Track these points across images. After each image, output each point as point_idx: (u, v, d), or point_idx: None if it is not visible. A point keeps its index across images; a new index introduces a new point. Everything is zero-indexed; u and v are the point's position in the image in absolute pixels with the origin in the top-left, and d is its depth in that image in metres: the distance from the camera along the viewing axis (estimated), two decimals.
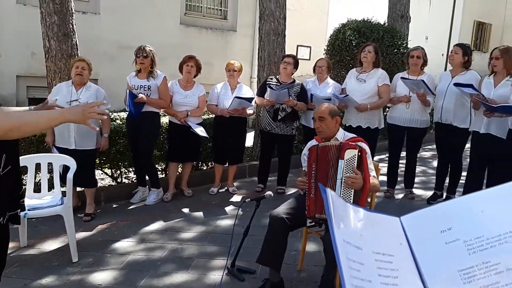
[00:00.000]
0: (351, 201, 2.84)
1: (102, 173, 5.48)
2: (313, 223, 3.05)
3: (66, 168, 3.82)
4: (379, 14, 9.93)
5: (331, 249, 2.86)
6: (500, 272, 1.09)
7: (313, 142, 3.38)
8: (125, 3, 8.60)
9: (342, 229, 1.15)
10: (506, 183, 1.23)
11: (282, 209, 3.13)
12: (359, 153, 2.91)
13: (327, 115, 3.30)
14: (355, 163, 2.88)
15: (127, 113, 5.07)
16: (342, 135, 3.37)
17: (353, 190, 2.86)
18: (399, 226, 1.27)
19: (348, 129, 5.02)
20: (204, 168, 6.11)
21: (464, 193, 4.85)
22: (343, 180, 2.84)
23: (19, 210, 2.18)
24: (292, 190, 5.63)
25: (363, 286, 1.04)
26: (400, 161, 5.56)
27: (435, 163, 6.15)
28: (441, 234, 1.21)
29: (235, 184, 5.75)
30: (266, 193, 3.40)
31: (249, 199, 3.43)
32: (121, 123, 5.21)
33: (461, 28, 19.74)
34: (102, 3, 8.39)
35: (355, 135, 3.40)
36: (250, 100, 5.24)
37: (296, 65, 5.42)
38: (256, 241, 3.66)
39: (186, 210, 4.95)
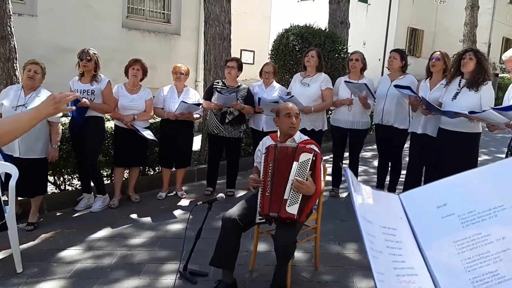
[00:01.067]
0: (298, 202, 2.96)
1: None
2: (263, 220, 3.11)
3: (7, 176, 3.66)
4: (320, 20, 10.22)
5: (281, 248, 2.96)
6: (490, 242, 1.21)
7: (268, 140, 3.49)
8: (64, 5, 8.31)
9: (359, 205, 1.23)
10: (495, 162, 1.37)
11: (234, 211, 3.19)
12: (314, 158, 3.04)
13: (299, 114, 3.54)
14: (308, 167, 2.99)
15: (70, 118, 4.93)
16: (299, 137, 3.51)
17: (301, 194, 2.97)
18: (398, 203, 1.37)
19: None
20: (151, 173, 6.03)
21: (404, 190, 5.10)
22: (294, 182, 2.95)
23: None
24: (241, 193, 5.69)
25: (377, 256, 1.14)
26: (344, 161, 5.76)
27: (375, 163, 6.42)
28: (437, 210, 1.32)
29: (183, 188, 5.72)
30: (218, 195, 3.43)
31: (201, 202, 3.45)
32: (63, 128, 5.04)
33: (396, 34, 20.70)
34: (40, 4, 8.07)
35: (308, 138, 3.54)
36: (197, 105, 5.25)
37: (240, 68, 5.49)
38: (208, 244, 3.68)
39: (134, 216, 4.88)
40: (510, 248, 1.20)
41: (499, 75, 15.86)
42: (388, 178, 5.59)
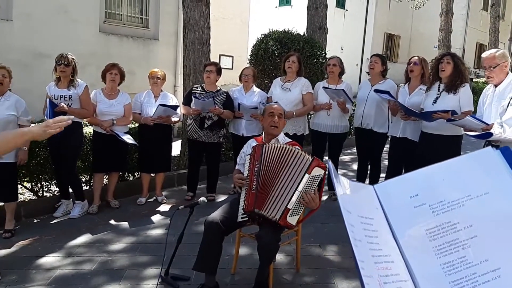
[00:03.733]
0: (300, 213, 2.99)
1: (21, 187, 5.15)
2: (246, 218, 3.10)
3: None
4: (299, 25, 10.31)
5: (265, 247, 2.98)
6: (459, 230, 1.29)
7: (253, 142, 3.50)
8: (41, 9, 8.19)
9: (342, 196, 1.30)
10: (463, 155, 1.45)
11: (216, 214, 3.19)
12: (324, 174, 3.03)
13: (283, 114, 3.58)
14: (317, 182, 3.00)
15: None
16: (282, 139, 3.54)
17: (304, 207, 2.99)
18: (373, 193, 1.44)
19: None
20: (131, 178, 5.98)
21: None
22: (301, 194, 2.94)
23: None
24: (222, 197, 5.70)
25: (357, 244, 1.19)
26: None
27: (354, 166, 6.50)
28: (410, 199, 1.39)
29: (163, 193, 5.69)
30: (199, 199, 3.43)
31: (182, 206, 3.44)
32: None
33: (373, 40, 21.00)
34: (15, 9, 7.93)
35: (291, 140, 3.58)
36: (175, 108, 5.25)
37: (219, 72, 5.50)
38: (189, 248, 3.68)
39: (113, 221, 4.83)
40: (477, 235, 1.27)
41: (473, 80, 16.23)
42: (367, 182, 5.65)
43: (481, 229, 1.28)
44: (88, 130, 5.26)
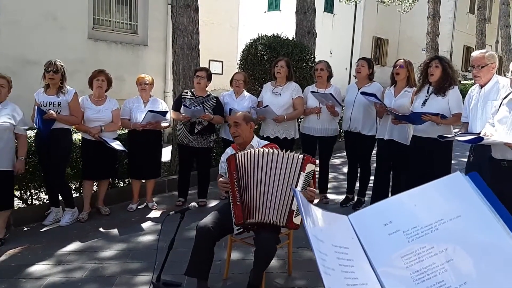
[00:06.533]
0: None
1: None
2: (241, 230, 3.11)
3: None
4: (287, 30, 10.36)
5: (264, 249, 2.97)
6: (435, 254, 1.29)
7: (230, 150, 3.48)
8: (28, 15, 8.15)
9: (310, 224, 1.28)
10: (431, 181, 1.46)
11: (208, 220, 3.19)
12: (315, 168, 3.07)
13: (241, 120, 3.50)
14: (311, 177, 3.02)
15: (36, 130, 4.84)
16: (257, 142, 3.52)
17: None
18: (348, 223, 1.44)
19: (266, 139, 5.18)
20: (121, 184, 5.95)
21: (373, 195, 5.21)
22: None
23: None
24: (213, 202, 5.69)
25: (329, 273, 1.19)
26: None
27: (345, 169, 6.52)
28: (384, 227, 1.40)
29: (154, 199, 5.67)
30: (190, 205, 3.41)
31: (173, 212, 3.43)
32: (30, 141, 4.93)
33: (362, 44, 21.16)
34: (3, 16, 7.88)
35: (269, 142, 3.56)
36: (163, 114, 5.25)
37: (209, 78, 5.51)
38: (181, 254, 3.67)
39: (104, 228, 4.79)
40: (453, 258, 1.28)
41: (461, 82, 16.39)
42: (357, 184, 5.68)
43: (456, 252, 1.29)
44: (77, 137, 5.23)
